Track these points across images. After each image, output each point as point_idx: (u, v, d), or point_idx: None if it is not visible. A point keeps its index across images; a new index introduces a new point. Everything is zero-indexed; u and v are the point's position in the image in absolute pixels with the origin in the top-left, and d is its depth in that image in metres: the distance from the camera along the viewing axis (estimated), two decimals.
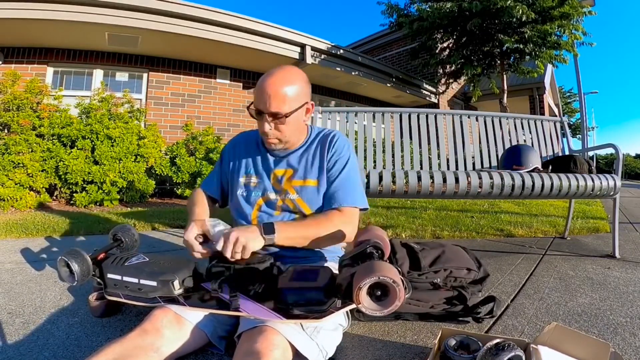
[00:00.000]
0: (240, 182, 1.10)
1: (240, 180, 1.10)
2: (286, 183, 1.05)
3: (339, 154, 1.07)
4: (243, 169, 1.11)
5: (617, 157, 2.04)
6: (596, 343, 0.80)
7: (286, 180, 1.05)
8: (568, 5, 5.53)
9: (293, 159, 1.07)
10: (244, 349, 0.74)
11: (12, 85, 3.70)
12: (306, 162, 1.07)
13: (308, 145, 1.09)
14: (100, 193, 3.64)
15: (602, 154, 35.15)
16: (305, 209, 1.03)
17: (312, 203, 1.04)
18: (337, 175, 1.05)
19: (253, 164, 1.11)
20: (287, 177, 1.06)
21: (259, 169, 1.09)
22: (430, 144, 2.40)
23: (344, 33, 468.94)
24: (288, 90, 0.94)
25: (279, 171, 1.07)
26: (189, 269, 0.94)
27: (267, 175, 1.07)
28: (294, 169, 1.06)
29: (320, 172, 1.06)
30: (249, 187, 1.08)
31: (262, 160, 1.10)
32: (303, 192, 1.04)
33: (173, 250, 2.08)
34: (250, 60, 5.67)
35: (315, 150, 1.08)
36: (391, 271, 0.77)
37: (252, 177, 1.09)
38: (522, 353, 0.76)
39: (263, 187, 1.06)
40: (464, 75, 7.20)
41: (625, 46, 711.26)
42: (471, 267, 1.21)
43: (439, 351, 0.89)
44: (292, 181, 1.05)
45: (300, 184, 1.05)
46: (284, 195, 1.04)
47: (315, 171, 1.06)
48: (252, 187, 1.08)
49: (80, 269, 0.92)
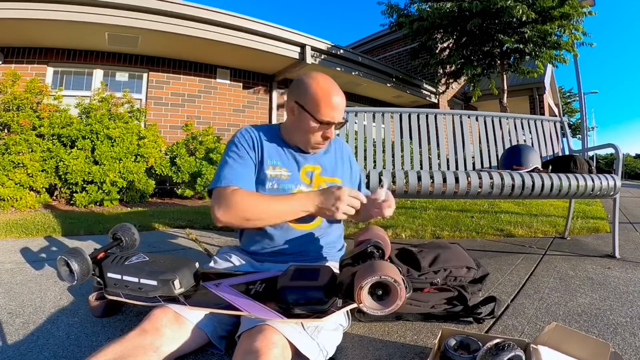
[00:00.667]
0: (267, 174, 1.07)
1: (268, 172, 1.07)
2: (317, 178, 1.12)
3: (356, 164, 1.29)
4: (268, 160, 1.09)
5: (617, 157, 2.04)
6: (596, 343, 0.80)
7: (316, 175, 1.13)
8: (568, 5, 5.53)
9: (320, 158, 1.16)
10: (244, 348, 0.74)
11: (12, 85, 3.70)
12: (330, 162, 1.17)
13: (327, 147, 1.18)
14: (100, 193, 3.64)
15: (602, 154, 35.18)
16: None
17: None
18: (360, 185, 1.28)
19: (279, 157, 1.11)
20: (316, 173, 1.13)
21: (287, 163, 1.11)
22: (430, 144, 2.40)
23: (344, 33, 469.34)
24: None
25: (309, 167, 1.12)
26: (189, 268, 0.94)
27: (297, 169, 1.11)
28: (322, 166, 1.15)
29: (343, 173, 1.20)
30: (280, 180, 1.08)
31: (289, 154, 1.12)
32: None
33: (173, 250, 2.08)
34: (250, 60, 5.67)
35: (335, 153, 1.21)
36: (392, 270, 0.77)
37: (282, 169, 1.09)
38: (522, 353, 0.76)
39: (296, 180, 1.09)
40: (464, 75, 7.20)
41: (625, 46, 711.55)
42: (470, 265, 1.21)
43: (439, 351, 0.89)
44: (322, 177, 1.14)
45: (330, 180, 1.14)
46: (318, 189, 1.09)
47: (340, 171, 1.19)
48: (284, 180, 1.08)
49: (80, 268, 0.92)
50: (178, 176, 4.20)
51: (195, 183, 4.23)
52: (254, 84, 6.23)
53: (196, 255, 2.00)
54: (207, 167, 4.24)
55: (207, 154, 4.48)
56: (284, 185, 1.07)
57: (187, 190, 4.28)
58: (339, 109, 1.03)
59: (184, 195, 4.30)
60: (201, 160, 4.35)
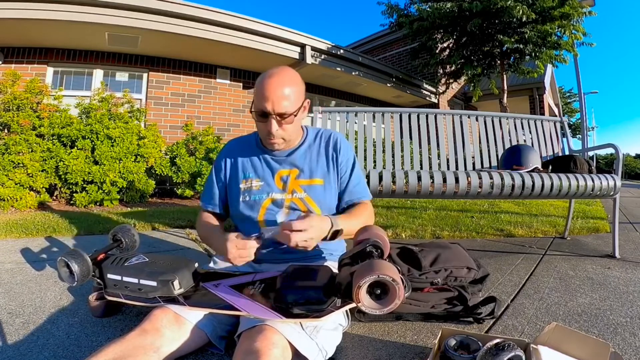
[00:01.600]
0: (240, 189, 1.09)
1: (241, 187, 1.09)
2: (292, 182, 1.06)
3: (348, 153, 1.13)
4: (241, 175, 1.10)
5: (617, 157, 2.04)
6: (596, 343, 0.80)
7: (292, 179, 1.07)
8: (568, 6, 5.53)
9: (296, 159, 1.08)
10: (244, 348, 0.74)
11: (12, 85, 3.70)
12: (310, 162, 1.09)
13: (309, 144, 1.11)
14: (100, 193, 3.64)
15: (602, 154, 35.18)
16: (314, 207, 1.05)
17: (320, 201, 1.07)
18: (351, 173, 1.12)
19: (252, 167, 1.10)
20: (292, 176, 1.07)
21: (260, 172, 1.09)
22: (430, 144, 2.40)
23: (344, 33, 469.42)
24: (291, 90, 0.97)
25: (284, 171, 1.08)
26: (189, 268, 0.94)
27: (271, 176, 1.08)
28: (299, 169, 1.08)
29: (326, 172, 1.09)
30: (251, 192, 1.07)
31: (264, 162, 1.10)
32: (311, 191, 1.06)
33: (173, 250, 2.08)
34: (250, 60, 5.67)
35: (319, 150, 1.11)
36: (391, 270, 0.77)
37: (253, 180, 1.08)
38: (522, 353, 0.76)
39: (267, 189, 1.06)
40: (464, 75, 7.20)
41: (625, 46, 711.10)
42: (471, 265, 1.21)
43: (439, 351, 0.89)
44: (299, 180, 1.07)
45: (308, 183, 1.07)
46: (292, 195, 1.05)
47: (321, 171, 1.09)
48: (254, 191, 1.07)
49: (80, 269, 0.92)
50: (178, 176, 4.21)
51: (195, 183, 4.23)
52: (254, 84, 6.19)
53: (196, 255, 2.00)
54: (207, 167, 4.24)
55: (207, 154, 4.49)
56: (255, 197, 1.07)
57: (187, 190, 4.28)
58: (270, 99, 0.94)
59: (184, 195, 4.30)
60: (201, 160, 4.35)
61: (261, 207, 1.05)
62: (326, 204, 1.08)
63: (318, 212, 1.05)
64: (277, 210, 1.05)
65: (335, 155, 1.11)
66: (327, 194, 1.08)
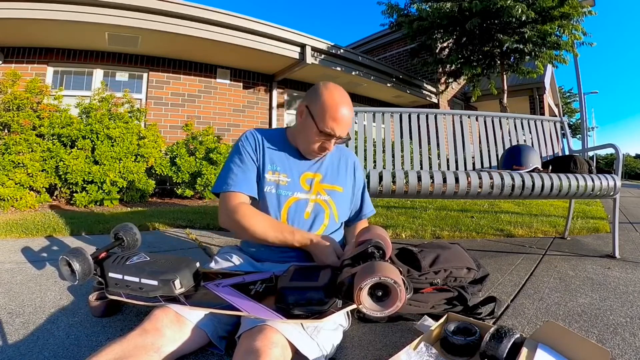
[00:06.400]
0: (266, 178, 1.10)
1: (267, 176, 1.10)
2: (317, 185, 1.13)
3: (362, 174, 1.31)
4: (269, 165, 1.12)
5: (617, 157, 2.04)
6: (595, 349, 0.78)
7: (316, 182, 1.14)
8: (568, 5, 5.53)
9: (322, 165, 1.18)
10: (244, 348, 0.74)
11: (12, 85, 3.70)
12: (332, 170, 1.19)
13: (332, 156, 1.22)
14: (100, 193, 3.64)
15: (602, 154, 35.19)
16: (334, 209, 1.15)
17: (340, 205, 1.18)
18: (363, 191, 1.30)
19: (279, 162, 1.13)
20: (317, 180, 1.14)
21: (287, 168, 1.12)
22: (430, 144, 2.40)
23: (344, 33, 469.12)
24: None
25: (309, 174, 1.14)
26: (190, 268, 0.94)
27: (297, 176, 1.12)
28: (323, 175, 1.16)
29: (346, 182, 1.21)
30: (278, 185, 1.09)
31: (292, 160, 1.14)
32: (333, 195, 1.16)
33: (173, 250, 2.08)
34: (250, 60, 5.67)
35: (339, 162, 1.23)
36: (392, 272, 0.77)
37: (281, 174, 1.11)
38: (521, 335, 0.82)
39: (294, 187, 1.10)
40: (463, 75, 7.20)
41: (625, 46, 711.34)
42: (471, 265, 1.21)
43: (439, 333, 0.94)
44: (323, 184, 1.15)
45: (330, 188, 1.16)
46: (316, 195, 1.12)
47: (341, 180, 1.20)
48: (282, 186, 1.09)
49: (82, 268, 0.92)
50: (178, 176, 4.21)
51: (195, 183, 4.23)
52: (254, 84, 6.23)
53: (196, 255, 2.00)
54: (207, 167, 4.24)
55: (207, 154, 4.48)
56: (281, 191, 1.09)
57: (187, 190, 4.28)
58: (342, 124, 1.05)
59: (184, 195, 4.30)
60: (201, 160, 4.35)
61: (285, 203, 1.09)
62: (343, 210, 1.20)
63: (336, 215, 1.15)
64: (299, 209, 1.09)
65: (354, 172, 1.26)
66: (345, 201, 1.20)
